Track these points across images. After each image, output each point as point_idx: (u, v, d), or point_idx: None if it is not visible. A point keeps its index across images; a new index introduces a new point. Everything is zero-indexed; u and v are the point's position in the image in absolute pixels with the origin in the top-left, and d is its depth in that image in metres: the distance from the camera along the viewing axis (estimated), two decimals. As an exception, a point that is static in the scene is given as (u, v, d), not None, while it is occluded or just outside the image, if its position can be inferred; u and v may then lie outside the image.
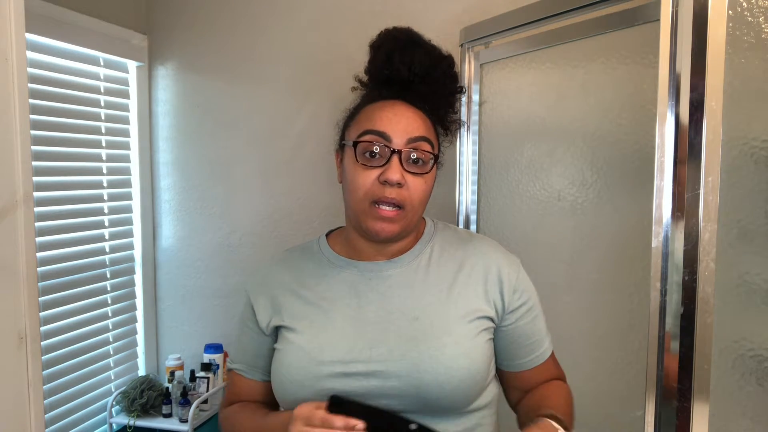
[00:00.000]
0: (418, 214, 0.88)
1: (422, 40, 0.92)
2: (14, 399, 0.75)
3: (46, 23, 1.78)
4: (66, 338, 1.92)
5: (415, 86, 0.89)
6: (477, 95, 1.59)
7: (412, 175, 0.84)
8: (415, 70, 0.88)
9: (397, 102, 0.88)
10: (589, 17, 1.24)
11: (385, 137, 0.83)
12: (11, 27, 0.74)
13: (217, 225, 2.20)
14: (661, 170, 0.87)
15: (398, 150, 0.83)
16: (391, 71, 0.89)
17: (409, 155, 0.84)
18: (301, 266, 0.96)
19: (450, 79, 0.92)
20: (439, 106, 0.92)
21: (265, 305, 0.95)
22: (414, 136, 0.84)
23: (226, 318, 2.23)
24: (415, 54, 0.88)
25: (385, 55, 0.89)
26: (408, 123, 0.85)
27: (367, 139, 0.84)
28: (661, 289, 0.87)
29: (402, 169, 0.83)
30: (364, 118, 0.87)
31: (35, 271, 0.78)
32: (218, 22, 2.13)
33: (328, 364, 0.84)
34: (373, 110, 0.87)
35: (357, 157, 0.85)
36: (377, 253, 0.92)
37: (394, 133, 0.83)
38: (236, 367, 0.99)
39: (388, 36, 0.91)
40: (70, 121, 1.93)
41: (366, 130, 0.85)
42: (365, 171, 0.84)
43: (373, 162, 0.84)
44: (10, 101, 0.74)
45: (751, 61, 0.96)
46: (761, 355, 0.97)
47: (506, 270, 0.92)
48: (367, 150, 0.84)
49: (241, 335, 1.00)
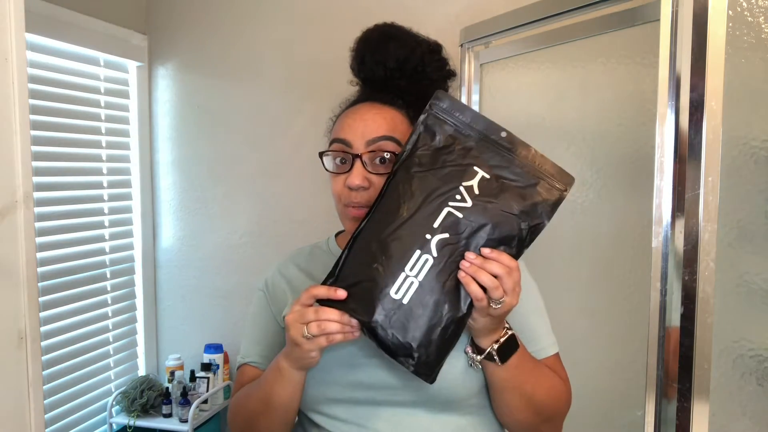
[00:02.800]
0: None
1: (398, 32, 0.90)
2: (14, 399, 0.75)
3: (46, 23, 1.78)
4: (66, 338, 1.93)
5: (393, 82, 0.89)
6: (477, 95, 1.59)
7: (378, 176, 0.84)
8: (390, 65, 0.88)
9: (364, 104, 0.89)
10: (589, 17, 1.24)
11: (345, 143, 0.85)
12: (11, 27, 0.74)
13: (217, 225, 2.20)
14: (661, 170, 0.87)
15: (358, 154, 0.84)
16: (366, 73, 0.91)
17: (372, 157, 0.85)
18: (311, 266, 0.98)
19: (432, 66, 0.90)
20: (426, 94, 0.90)
21: (280, 298, 0.97)
22: (372, 138, 0.85)
23: (226, 318, 2.22)
24: (388, 49, 0.88)
25: (360, 59, 0.91)
26: (366, 126, 0.85)
27: (332, 148, 0.87)
28: (661, 289, 0.87)
29: (366, 171, 0.84)
30: (335, 127, 0.90)
31: (35, 271, 0.78)
32: (218, 23, 2.13)
33: (339, 359, 0.85)
34: (341, 118, 0.90)
35: (326, 166, 0.88)
36: None
37: (353, 138, 0.85)
38: (250, 360, 0.99)
39: (361, 39, 0.92)
40: (70, 121, 1.93)
41: (333, 139, 0.88)
42: (336, 177, 0.87)
43: (341, 168, 0.87)
44: (10, 101, 0.74)
45: (751, 61, 0.96)
46: (761, 355, 0.97)
47: None
48: (334, 159, 0.87)
49: (253, 328, 1.00)
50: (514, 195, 0.74)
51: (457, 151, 0.75)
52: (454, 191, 0.74)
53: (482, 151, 0.75)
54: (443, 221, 0.73)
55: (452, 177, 0.74)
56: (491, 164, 0.74)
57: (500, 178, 0.74)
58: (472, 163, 0.74)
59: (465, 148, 0.76)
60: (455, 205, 0.73)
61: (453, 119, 0.77)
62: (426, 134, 0.77)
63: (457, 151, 0.75)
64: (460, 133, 0.76)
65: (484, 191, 0.73)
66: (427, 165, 0.76)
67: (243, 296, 2.19)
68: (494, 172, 0.74)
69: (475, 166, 0.74)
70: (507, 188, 0.74)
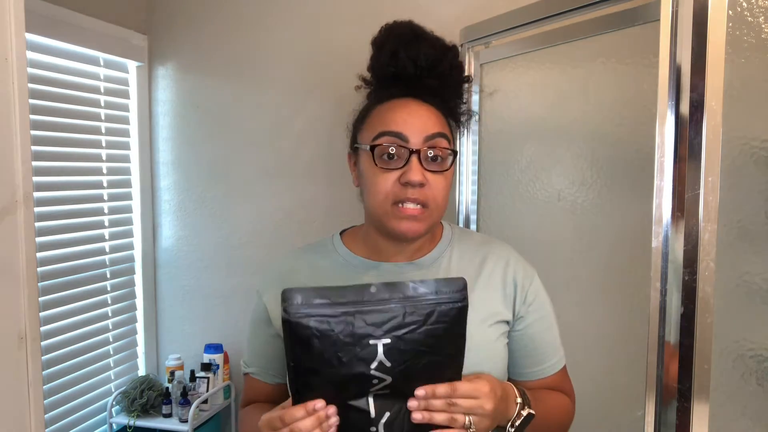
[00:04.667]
0: (441, 211, 0.87)
1: (425, 32, 0.90)
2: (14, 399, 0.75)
3: (46, 23, 1.78)
4: (66, 338, 1.92)
5: (423, 81, 0.88)
6: (477, 95, 1.59)
7: (432, 173, 0.82)
8: (421, 64, 0.87)
9: (409, 100, 0.86)
10: (589, 17, 1.24)
11: (401, 138, 0.82)
12: (11, 27, 0.74)
13: (217, 225, 2.20)
14: (661, 170, 0.87)
15: (416, 150, 0.82)
16: (397, 68, 0.88)
17: (427, 154, 0.82)
18: (315, 265, 0.94)
19: (457, 70, 0.91)
20: (449, 97, 0.91)
21: (278, 305, 0.94)
22: (430, 134, 0.83)
23: (226, 318, 2.22)
24: (420, 48, 0.87)
25: (390, 53, 0.88)
26: (423, 121, 0.83)
27: (383, 141, 0.83)
28: (661, 289, 0.87)
29: (422, 168, 0.82)
30: (377, 120, 0.86)
31: (35, 271, 0.78)
32: (218, 22, 2.13)
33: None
34: (385, 111, 0.86)
35: (375, 161, 0.83)
36: (397, 252, 0.90)
37: (411, 132, 0.82)
38: (251, 371, 0.97)
39: (391, 32, 0.90)
40: (70, 121, 1.93)
41: (381, 132, 0.83)
42: (384, 174, 0.82)
43: (391, 164, 0.82)
44: (10, 101, 0.74)
45: (751, 61, 0.96)
46: (761, 355, 0.97)
47: (521, 275, 0.92)
48: (384, 153, 0.82)
49: (253, 338, 0.97)
50: (423, 336, 0.67)
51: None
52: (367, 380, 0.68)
53: (365, 317, 0.66)
54: (378, 409, 0.70)
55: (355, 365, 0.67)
56: (384, 328, 0.66)
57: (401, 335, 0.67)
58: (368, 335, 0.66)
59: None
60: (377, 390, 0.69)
61: (316, 311, 0.67)
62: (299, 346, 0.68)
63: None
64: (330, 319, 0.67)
65: (393, 358, 0.67)
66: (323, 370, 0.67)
67: (243, 296, 2.19)
68: (392, 333, 0.66)
69: (370, 340, 0.66)
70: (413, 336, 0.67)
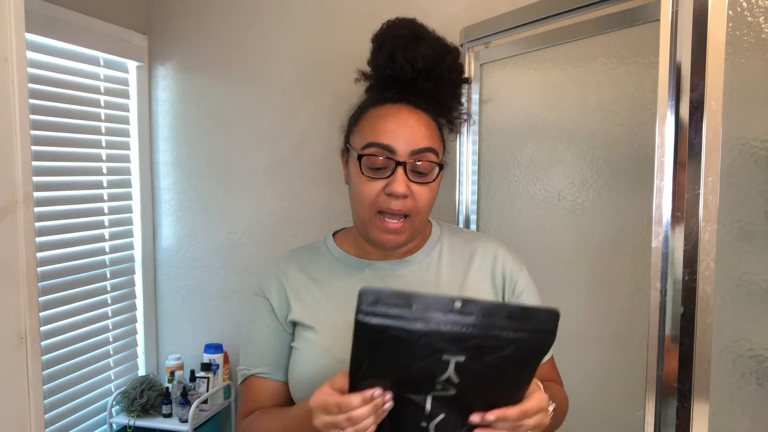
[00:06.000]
0: (423, 220, 0.88)
1: (426, 32, 0.90)
2: (14, 399, 0.75)
3: (46, 23, 1.78)
4: (66, 338, 1.92)
5: (420, 84, 0.87)
6: (477, 95, 1.59)
7: (417, 185, 0.83)
8: (418, 67, 0.86)
9: (402, 108, 0.86)
10: (589, 17, 1.24)
11: (389, 150, 0.83)
12: (11, 27, 0.74)
13: (217, 225, 2.20)
14: (661, 170, 0.87)
15: (403, 162, 0.82)
16: (394, 70, 0.88)
17: (413, 166, 0.83)
18: (310, 265, 0.95)
19: (456, 73, 0.91)
20: (445, 99, 0.91)
21: (280, 301, 0.93)
22: (418, 148, 0.83)
23: (226, 318, 2.23)
24: (418, 49, 0.86)
25: (387, 55, 0.88)
26: (412, 132, 0.84)
27: (371, 152, 0.83)
28: (661, 289, 0.87)
29: (407, 179, 0.82)
30: (369, 128, 0.86)
31: (35, 271, 0.78)
32: (218, 22, 2.13)
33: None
34: (376, 118, 0.86)
35: (362, 170, 0.84)
36: (387, 254, 0.93)
37: (398, 144, 0.83)
38: (258, 371, 0.93)
39: (391, 33, 0.89)
40: (70, 121, 1.93)
41: (369, 143, 0.84)
42: (370, 182, 0.83)
43: (377, 174, 0.83)
44: (10, 101, 0.74)
45: (751, 61, 0.96)
46: (761, 355, 0.97)
47: (509, 268, 0.94)
48: (371, 164, 0.83)
49: (256, 337, 0.95)
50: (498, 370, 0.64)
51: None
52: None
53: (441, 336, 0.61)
54: (434, 409, 0.67)
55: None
56: (461, 346, 0.61)
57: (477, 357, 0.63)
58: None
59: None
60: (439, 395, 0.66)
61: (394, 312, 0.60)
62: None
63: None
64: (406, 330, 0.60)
65: (463, 376, 0.63)
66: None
67: (243, 296, 2.19)
68: (468, 353, 0.62)
69: (443, 355, 0.62)
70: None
